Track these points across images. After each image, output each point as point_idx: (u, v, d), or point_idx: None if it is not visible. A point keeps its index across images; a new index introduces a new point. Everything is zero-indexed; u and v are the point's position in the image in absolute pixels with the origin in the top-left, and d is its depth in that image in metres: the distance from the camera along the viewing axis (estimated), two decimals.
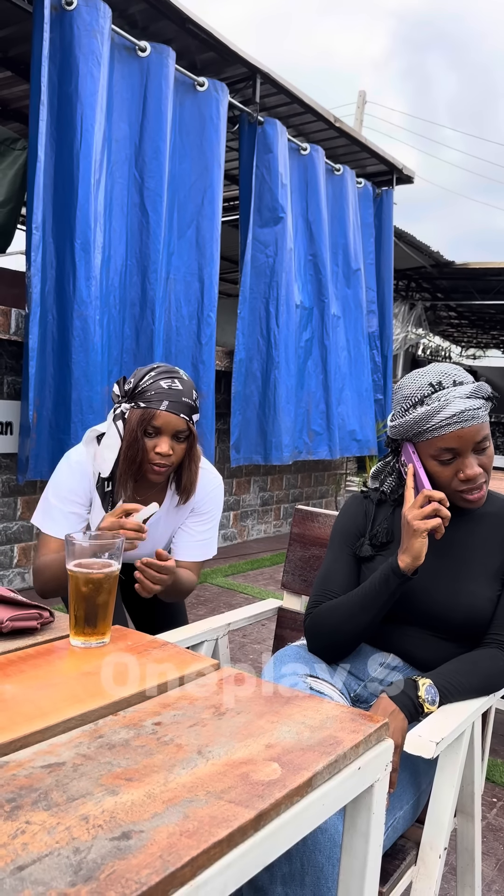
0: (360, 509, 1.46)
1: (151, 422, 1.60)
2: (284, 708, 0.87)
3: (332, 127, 5.49)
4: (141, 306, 3.94)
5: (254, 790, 0.69)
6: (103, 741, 0.76)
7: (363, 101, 13.97)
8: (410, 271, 9.79)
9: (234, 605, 3.90)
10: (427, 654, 1.35)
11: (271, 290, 4.81)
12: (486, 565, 1.35)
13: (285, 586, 1.72)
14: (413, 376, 1.34)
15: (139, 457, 1.61)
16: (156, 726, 0.80)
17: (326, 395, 5.36)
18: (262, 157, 4.81)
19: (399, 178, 6.45)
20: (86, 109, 3.54)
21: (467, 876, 1.39)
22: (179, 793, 0.67)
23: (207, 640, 1.49)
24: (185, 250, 4.23)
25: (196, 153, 4.28)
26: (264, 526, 5.79)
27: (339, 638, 1.35)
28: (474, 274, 9.86)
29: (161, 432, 1.61)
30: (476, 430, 1.27)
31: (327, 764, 0.75)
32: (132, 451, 1.61)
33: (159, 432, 1.61)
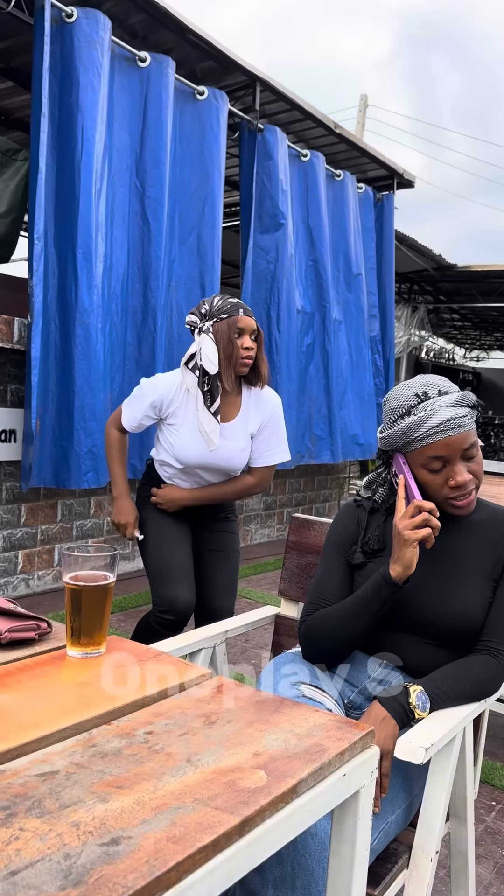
0: (353, 518, 1.49)
1: (237, 325, 2.11)
2: (273, 716, 0.90)
3: (332, 133, 5.53)
4: (143, 314, 3.98)
5: (239, 797, 0.71)
6: (96, 750, 0.79)
7: (365, 105, 14.01)
8: (413, 274, 9.81)
9: (237, 610, 3.92)
10: (419, 660, 1.37)
11: (272, 295, 4.84)
12: (476, 572, 1.38)
13: (283, 593, 1.75)
14: (399, 388, 1.37)
15: (234, 353, 2.11)
16: (147, 735, 0.83)
17: (328, 399, 5.38)
18: (263, 164, 4.85)
19: (400, 182, 6.47)
20: (86, 120, 3.58)
21: (461, 879, 1.41)
22: (168, 800, 0.70)
23: (205, 648, 1.52)
24: (187, 258, 4.26)
25: (196, 161, 4.32)
26: (267, 530, 5.82)
27: (332, 645, 1.37)
28: (476, 276, 9.88)
29: (244, 332, 2.13)
30: (463, 437, 1.30)
31: (312, 771, 0.78)
32: (228, 349, 2.11)
33: (242, 332, 2.13)
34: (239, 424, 2.21)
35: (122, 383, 3.96)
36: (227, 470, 2.24)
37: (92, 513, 4.27)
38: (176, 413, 2.19)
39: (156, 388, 2.20)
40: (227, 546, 2.36)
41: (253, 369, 2.21)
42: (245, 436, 2.22)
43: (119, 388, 3.94)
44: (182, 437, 2.17)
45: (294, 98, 5.05)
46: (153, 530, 2.26)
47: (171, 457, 2.22)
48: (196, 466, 2.20)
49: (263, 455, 2.26)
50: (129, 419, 2.24)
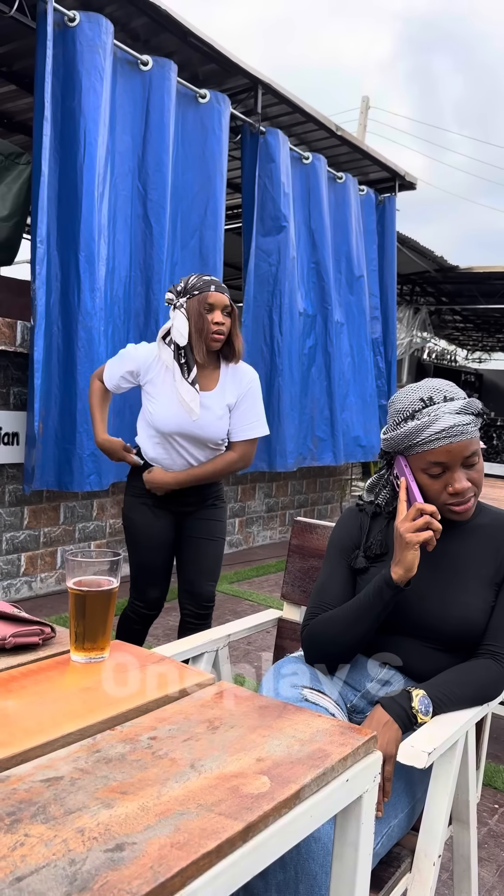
0: (356, 522, 1.49)
1: (206, 300, 2.21)
2: (276, 722, 0.90)
3: (333, 135, 5.53)
4: (145, 316, 3.99)
5: (243, 803, 0.72)
6: (100, 755, 0.79)
7: (367, 107, 14.02)
8: (415, 276, 9.82)
9: (240, 612, 3.93)
10: (421, 664, 1.37)
11: (274, 298, 4.85)
12: (478, 576, 1.38)
13: (285, 597, 1.75)
14: (406, 391, 1.37)
15: (204, 328, 2.20)
16: (151, 741, 0.83)
17: (330, 401, 5.39)
18: (265, 167, 4.85)
19: (402, 184, 6.48)
20: (89, 123, 3.59)
21: (464, 883, 1.41)
22: (172, 806, 0.70)
23: (208, 652, 1.52)
24: (189, 260, 4.27)
25: (198, 164, 4.33)
26: (270, 532, 5.83)
27: (334, 649, 1.38)
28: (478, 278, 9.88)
29: (214, 307, 2.21)
30: (465, 445, 1.30)
31: (315, 777, 0.78)
32: (199, 324, 2.20)
33: (213, 308, 2.21)
34: (216, 395, 2.29)
35: None
36: (206, 439, 2.30)
37: (94, 515, 4.27)
38: (153, 381, 2.30)
39: (134, 356, 2.33)
40: (213, 534, 2.45)
41: (227, 344, 2.30)
42: (223, 406, 2.30)
43: None
44: (159, 405, 2.28)
45: (296, 101, 5.05)
46: (139, 532, 2.39)
47: (150, 426, 2.32)
48: (175, 434, 2.28)
49: (243, 429, 2.34)
50: (109, 377, 2.38)
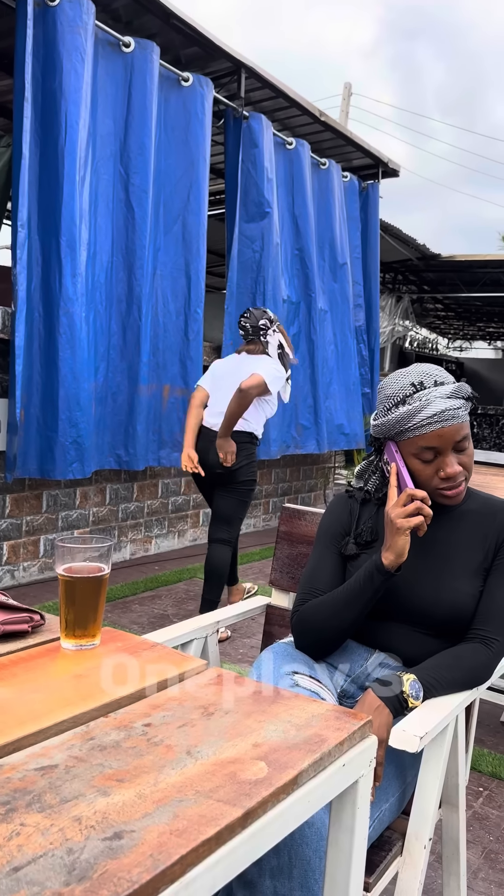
0: (345, 508, 1.49)
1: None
2: (271, 707, 0.90)
3: (317, 121, 5.50)
4: (127, 302, 3.95)
5: (241, 789, 0.71)
6: (95, 743, 0.78)
7: (349, 93, 13.96)
8: (397, 264, 9.82)
9: (225, 600, 3.92)
10: (411, 649, 1.37)
11: (258, 285, 4.83)
12: (468, 562, 1.38)
13: (273, 583, 1.74)
14: (396, 376, 1.37)
15: (289, 342, 3.55)
16: (146, 727, 0.82)
17: (314, 389, 5.38)
18: (248, 152, 4.81)
19: (385, 171, 6.46)
20: (70, 106, 3.53)
21: (453, 865, 1.42)
22: (169, 793, 0.69)
23: (197, 639, 1.51)
24: (172, 246, 4.23)
25: (181, 148, 4.28)
26: (253, 520, 5.82)
27: (325, 635, 1.37)
28: (460, 266, 9.91)
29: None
30: (456, 429, 1.30)
31: (312, 762, 0.77)
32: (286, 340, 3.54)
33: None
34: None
35: (106, 372, 3.93)
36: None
37: (77, 503, 4.24)
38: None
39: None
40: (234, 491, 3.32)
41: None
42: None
43: (104, 377, 3.91)
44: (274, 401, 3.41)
45: (279, 85, 5.01)
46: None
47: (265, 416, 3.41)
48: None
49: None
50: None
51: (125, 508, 4.58)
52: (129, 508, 4.61)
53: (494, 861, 1.92)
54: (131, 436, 4.00)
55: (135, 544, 4.70)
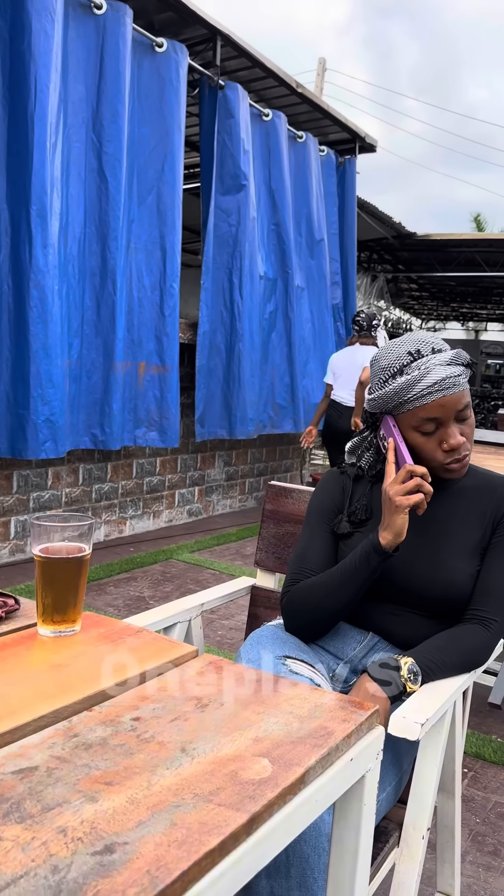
0: (338, 485, 1.42)
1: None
2: (271, 697, 0.83)
3: (294, 93, 5.38)
4: (101, 276, 3.82)
5: (244, 790, 0.64)
6: (79, 741, 0.71)
7: (323, 69, 13.77)
8: (372, 242, 9.74)
9: (202, 581, 3.86)
10: (407, 631, 1.32)
11: (234, 260, 4.72)
12: (465, 540, 1.32)
13: (259, 564, 1.67)
14: (390, 346, 1.29)
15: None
16: (135, 722, 0.75)
17: (291, 368, 5.30)
18: (224, 123, 4.69)
19: (362, 146, 6.36)
20: (40, 69, 3.38)
21: (447, 853, 1.38)
22: (165, 797, 0.62)
23: (180, 622, 1.44)
24: (146, 218, 4.11)
25: (156, 117, 4.14)
26: (229, 500, 5.75)
27: (317, 616, 1.31)
28: (435, 245, 9.86)
29: None
30: (458, 397, 1.23)
31: (320, 758, 0.71)
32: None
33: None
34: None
35: (80, 349, 3.81)
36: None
37: (50, 484, 4.13)
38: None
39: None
40: None
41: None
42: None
43: (77, 353, 3.79)
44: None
45: (256, 54, 4.88)
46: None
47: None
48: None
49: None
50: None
51: (99, 489, 4.48)
52: (103, 489, 4.51)
53: (482, 844, 1.89)
54: (107, 415, 3.90)
55: (109, 526, 4.61)
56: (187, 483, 5.24)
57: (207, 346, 4.66)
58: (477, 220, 23.26)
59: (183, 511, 5.23)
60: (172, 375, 4.23)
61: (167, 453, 4.99)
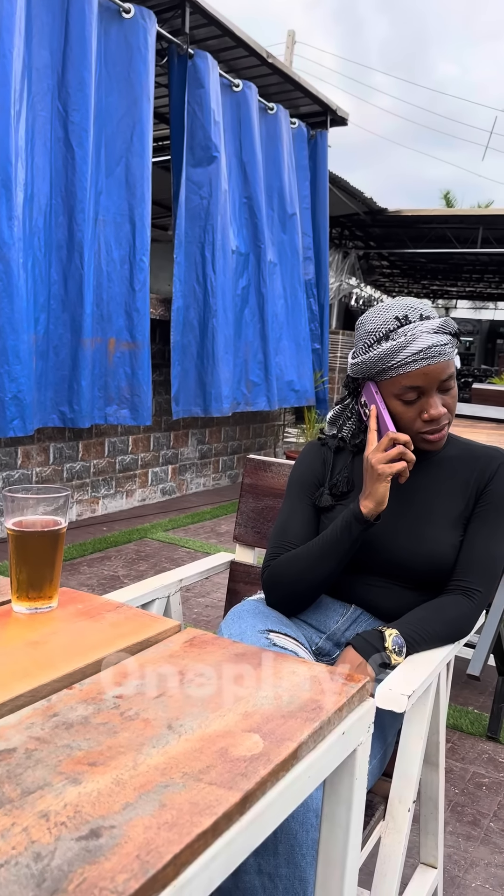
0: (318, 457, 1.39)
1: None
2: (258, 670, 0.80)
3: (264, 63, 5.27)
4: (68, 249, 3.72)
5: (236, 768, 0.61)
6: (59, 720, 0.67)
7: (293, 42, 13.57)
8: (343, 218, 9.68)
9: (177, 560, 3.83)
10: (389, 603, 1.30)
11: (206, 234, 4.64)
12: (448, 510, 1.30)
13: (238, 539, 1.64)
14: (377, 310, 1.26)
15: None
16: (117, 699, 0.71)
17: (264, 344, 5.25)
18: (194, 93, 4.58)
19: (333, 119, 6.28)
20: (3, 33, 3.25)
21: (430, 824, 1.37)
22: (152, 777, 0.59)
23: (159, 598, 1.40)
24: (115, 189, 4.00)
25: (123, 85, 4.03)
26: (203, 479, 5.71)
27: (298, 589, 1.28)
28: (406, 221, 9.84)
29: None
30: (442, 367, 1.20)
31: (312, 732, 0.68)
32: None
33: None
34: None
35: (47, 324, 3.72)
36: None
37: (20, 463, 4.05)
38: None
39: None
40: None
41: None
42: None
43: (44, 329, 3.70)
44: None
45: (225, 22, 4.76)
46: None
47: None
48: None
49: None
50: None
51: (70, 468, 4.41)
52: (75, 468, 4.44)
53: (461, 814, 1.90)
54: (76, 392, 3.82)
55: (81, 505, 4.54)
56: (160, 462, 5.18)
57: (181, 321, 4.59)
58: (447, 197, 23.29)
59: (156, 490, 5.18)
60: (143, 352, 4.15)
61: (140, 431, 4.93)
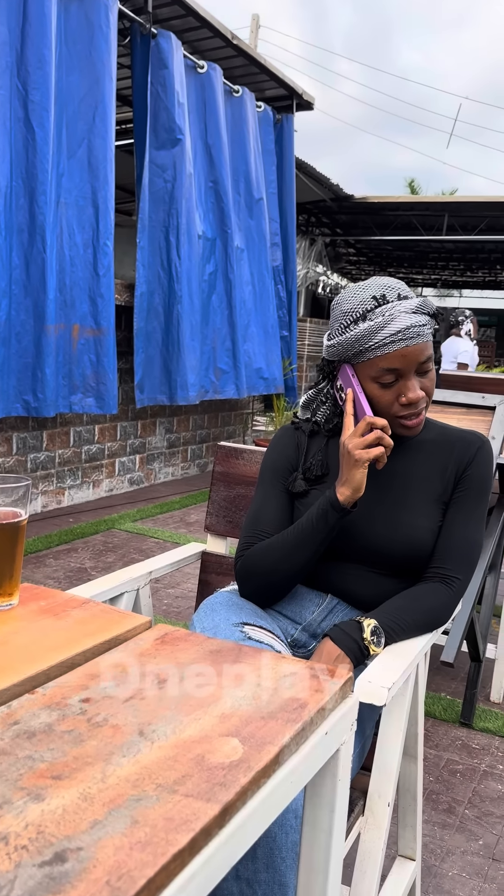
0: (292, 441, 1.34)
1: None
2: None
3: (229, 44, 5.18)
4: (30, 233, 3.61)
5: (213, 776, 0.56)
6: (20, 728, 0.61)
7: (257, 26, 13.43)
8: (310, 205, 9.63)
9: (145, 551, 3.77)
10: (366, 591, 1.26)
11: (171, 218, 4.55)
12: (426, 495, 1.27)
13: (209, 528, 1.59)
14: (353, 290, 1.21)
15: None
16: (84, 704, 0.66)
17: (232, 331, 5.19)
18: (157, 74, 4.48)
19: (299, 104, 6.21)
20: None
21: (409, 817, 1.35)
22: (123, 789, 0.54)
23: (128, 592, 1.35)
24: (77, 172, 3.90)
25: (85, 64, 3.91)
26: (172, 468, 5.65)
27: (273, 579, 1.24)
28: (373, 208, 9.82)
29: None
30: (420, 348, 1.16)
31: (294, 734, 0.64)
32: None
33: None
34: None
35: (8, 310, 3.61)
36: None
37: None
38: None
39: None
40: None
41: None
42: None
43: (6, 315, 3.59)
44: None
45: (189, 1, 4.66)
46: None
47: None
48: None
49: None
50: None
51: (35, 458, 4.31)
52: (39, 458, 4.34)
53: (436, 802, 1.89)
54: (39, 380, 3.72)
55: (46, 496, 4.45)
56: (128, 451, 5.10)
57: (145, 308, 4.50)
58: (411, 185, 23.38)
59: (124, 480, 5.10)
60: (108, 339, 4.06)
61: (106, 421, 4.84)
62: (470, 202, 9.28)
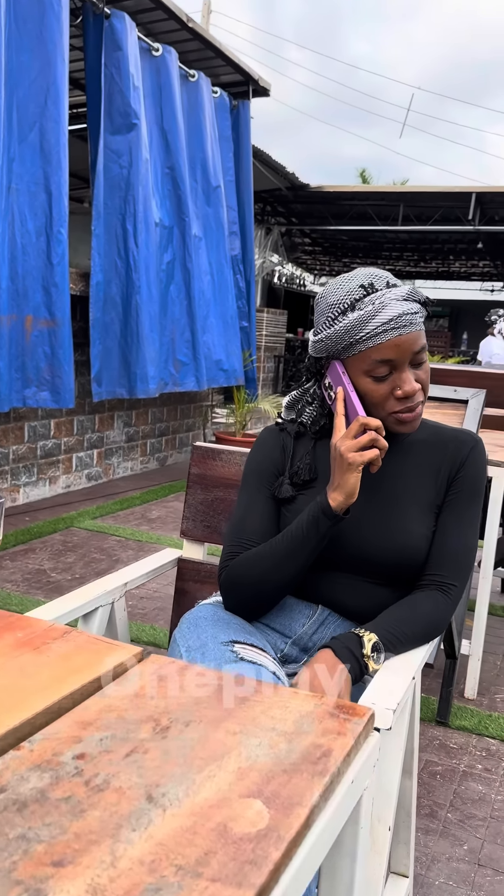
0: (277, 443, 1.27)
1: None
2: (242, 708, 0.67)
3: (184, 27, 5.05)
4: None
5: (241, 853, 0.48)
6: (8, 798, 0.53)
7: (209, 11, 13.24)
8: (266, 194, 9.54)
9: (107, 550, 3.65)
10: (358, 601, 1.20)
11: (127, 205, 4.41)
12: (419, 499, 1.21)
13: (185, 534, 1.51)
14: (338, 282, 1.14)
15: None
16: (79, 761, 0.57)
17: (191, 322, 5.08)
18: (111, 56, 4.32)
19: (255, 90, 6.11)
20: None
21: (402, 833, 1.29)
22: (138, 876, 0.46)
23: (102, 606, 1.26)
24: (28, 156, 3.73)
25: (36, 45, 3.75)
26: (131, 463, 5.52)
27: (261, 591, 1.17)
28: (328, 198, 9.78)
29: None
30: (414, 337, 1.10)
31: (323, 790, 0.56)
32: None
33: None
34: None
35: None
36: None
37: None
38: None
39: None
40: None
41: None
42: None
43: None
44: None
45: None
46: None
47: None
48: None
49: None
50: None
51: None
52: None
53: (418, 807, 1.85)
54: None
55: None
56: (85, 446, 4.96)
57: (102, 298, 4.36)
58: (363, 175, 23.43)
59: (81, 476, 4.96)
60: (63, 330, 3.92)
61: (62, 415, 4.69)
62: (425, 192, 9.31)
